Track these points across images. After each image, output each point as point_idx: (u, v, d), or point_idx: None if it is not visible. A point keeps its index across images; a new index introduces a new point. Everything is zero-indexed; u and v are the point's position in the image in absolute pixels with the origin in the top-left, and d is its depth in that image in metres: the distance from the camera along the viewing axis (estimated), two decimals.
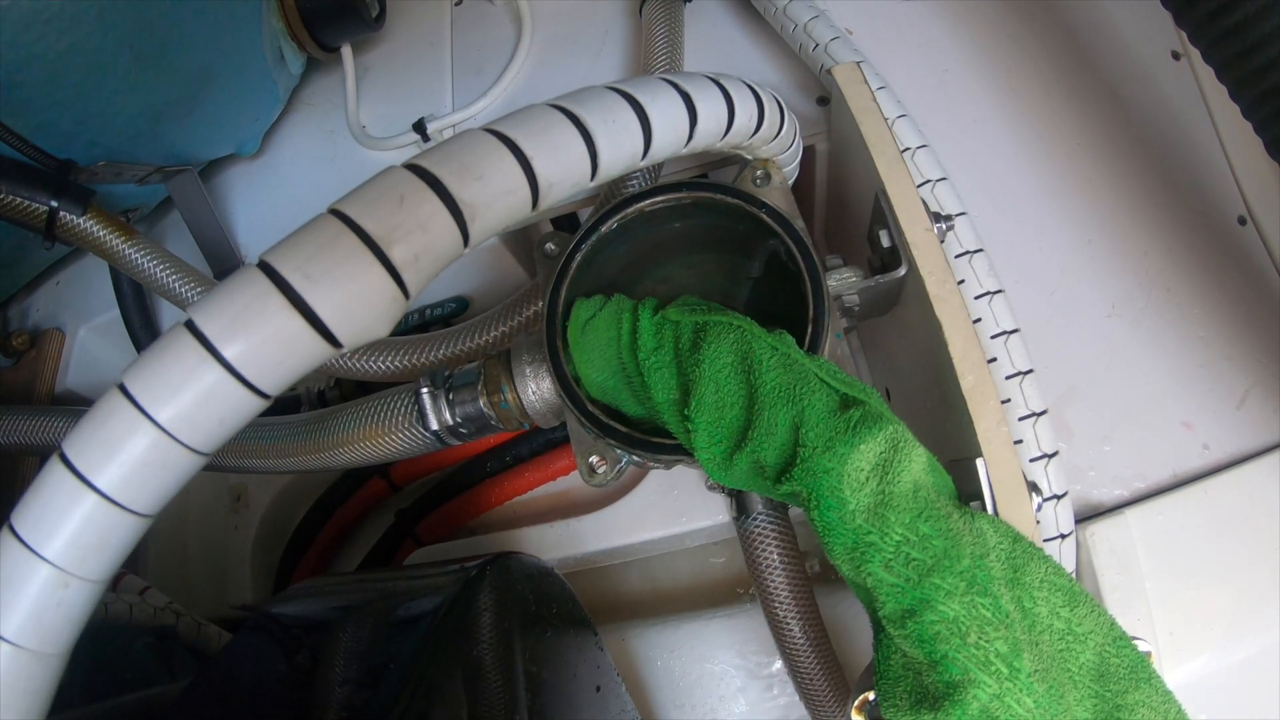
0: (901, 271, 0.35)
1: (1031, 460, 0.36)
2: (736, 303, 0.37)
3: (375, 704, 0.29)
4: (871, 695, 0.30)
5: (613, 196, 0.43)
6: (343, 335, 0.23)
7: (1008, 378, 0.37)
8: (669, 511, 0.52)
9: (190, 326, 0.22)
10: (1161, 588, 0.38)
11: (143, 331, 0.63)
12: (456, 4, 0.66)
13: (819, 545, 0.30)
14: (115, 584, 0.50)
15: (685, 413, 0.31)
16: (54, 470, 0.22)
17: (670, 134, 0.30)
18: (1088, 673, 0.29)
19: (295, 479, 0.65)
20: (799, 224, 0.35)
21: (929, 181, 0.41)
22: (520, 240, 0.58)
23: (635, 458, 0.34)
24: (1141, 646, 0.31)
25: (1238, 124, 0.38)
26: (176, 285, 0.55)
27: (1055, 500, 0.36)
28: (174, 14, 0.50)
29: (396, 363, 0.49)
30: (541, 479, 0.60)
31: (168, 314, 0.65)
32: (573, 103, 0.27)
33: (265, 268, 0.22)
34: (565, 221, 0.61)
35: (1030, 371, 0.37)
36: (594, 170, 0.27)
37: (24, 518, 0.22)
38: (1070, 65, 0.49)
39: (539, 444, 0.59)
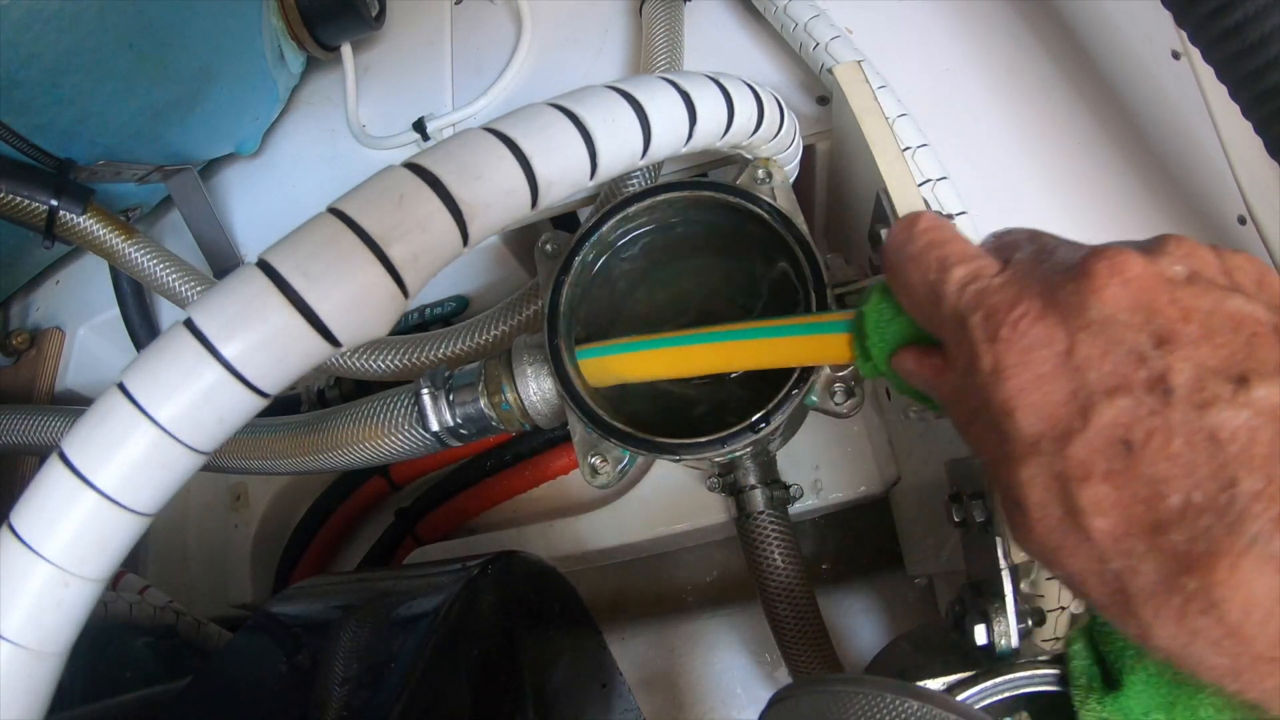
0: None
1: None
2: (737, 301, 0.37)
3: (376, 704, 0.29)
4: None
5: (613, 196, 0.43)
6: (342, 334, 0.23)
7: None
8: (670, 511, 0.52)
9: (189, 325, 0.22)
10: None
11: (143, 331, 0.63)
12: (456, 3, 0.66)
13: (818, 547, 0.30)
14: (115, 583, 0.50)
15: None
16: (53, 469, 0.22)
17: (670, 133, 0.30)
18: None
19: (295, 478, 0.65)
20: (800, 223, 0.35)
21: (930, 180, 0.41)
22: (520, 239, 0.58)
23: (640, 455, 0.34)
24: None
25: (1238, 124, 0.38)
26: (176, 284, 0.55)
27: None
28: (174, 13, 0.50)
29: (396, 362, 0.49)
30: (542, 477, 0.60)
31: (168, 313, 0.65)
32: (572, 102, 0.27)
33: (264, 266, 0.22)
34: (565, 221, 0.61)
35: None
36: (593, 169, 0.27)
37: (24, 517, 0.22)
38: (1070, 64, 0.49)
39: (540, 442, 0.59)
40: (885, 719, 0.24)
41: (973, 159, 0.47)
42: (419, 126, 0.58)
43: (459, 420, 0.37)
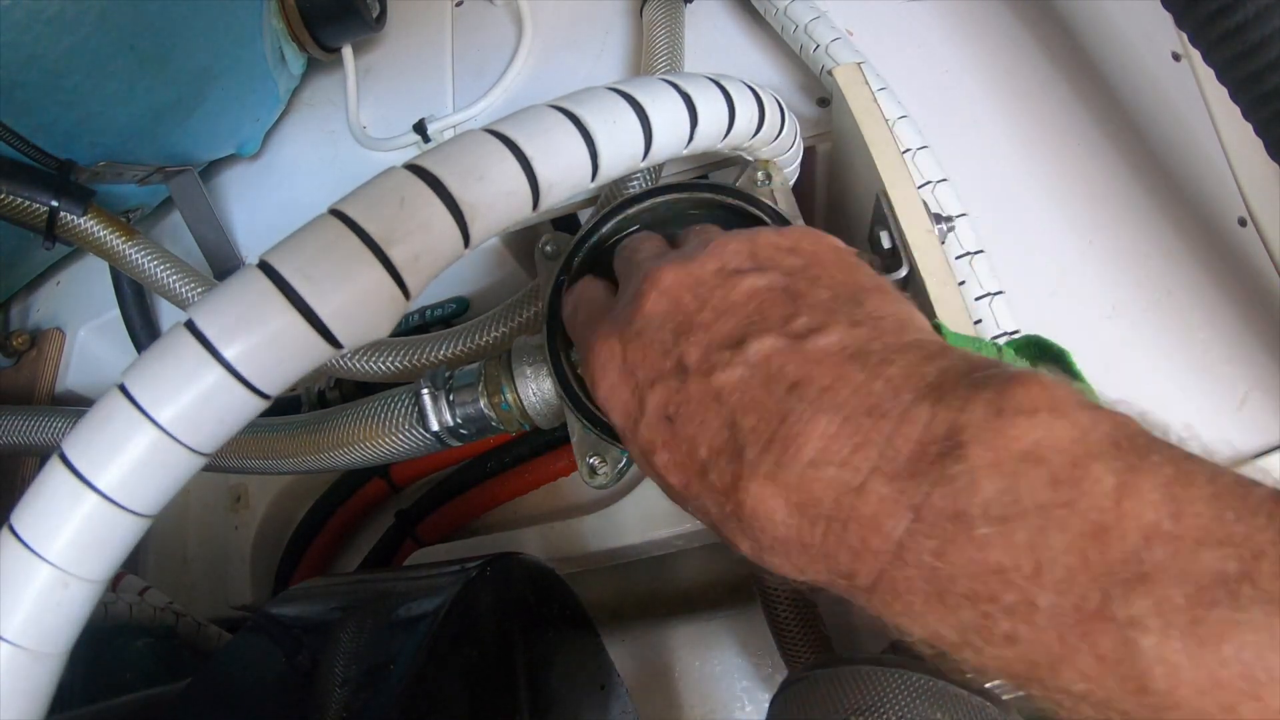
0: (902, 272, 0.35)
1: None
2: None
3: (375, 705, 0.29)
4: None
5: (614, 197, 0.43)
6: (343, 336, 0.23)
7: None
8: (670, 512, 0.52)
9: (190, 327, 0.22)
10: None
11: (143, 332, 0.63)
12: (457, 4, 0.66)
13: None
14: (115, 584, 0.50)
15: None
16: (54, 470, 0.22)
17: (671, 135, 0.30)
18: None
19: (296, 479, 0.65)
20: (801, 225, 0.35)
21: (930, 183, 0.41)
22: (521, 241, 0.58)
23: None
24: None
25: (1238, 125, 0.38)
26: (177, 285, 0.55)
27: None
28: (175, 14, 0.50)
29: (397, 363, 0.49)
30: (542, 479, 0.60)
31: (168, 314, 0.65)
32: (573, 104, 0.27)
33: (266, 268, 0.22)
34: (566, 222, 0.61)
35: None
36: (594, 171, 0.27)
37: (24, 518, 0.22)
38: (1071, 66, 0.49)
39: (539, 444, 0.59)
40: (898, 690, 0.25)
41: (973, 161, 0.47)
42: (420, 128, 0.58)
43: (459, 420, 0.37)
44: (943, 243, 0.36)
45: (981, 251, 0.39)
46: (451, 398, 0.37)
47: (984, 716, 0.25)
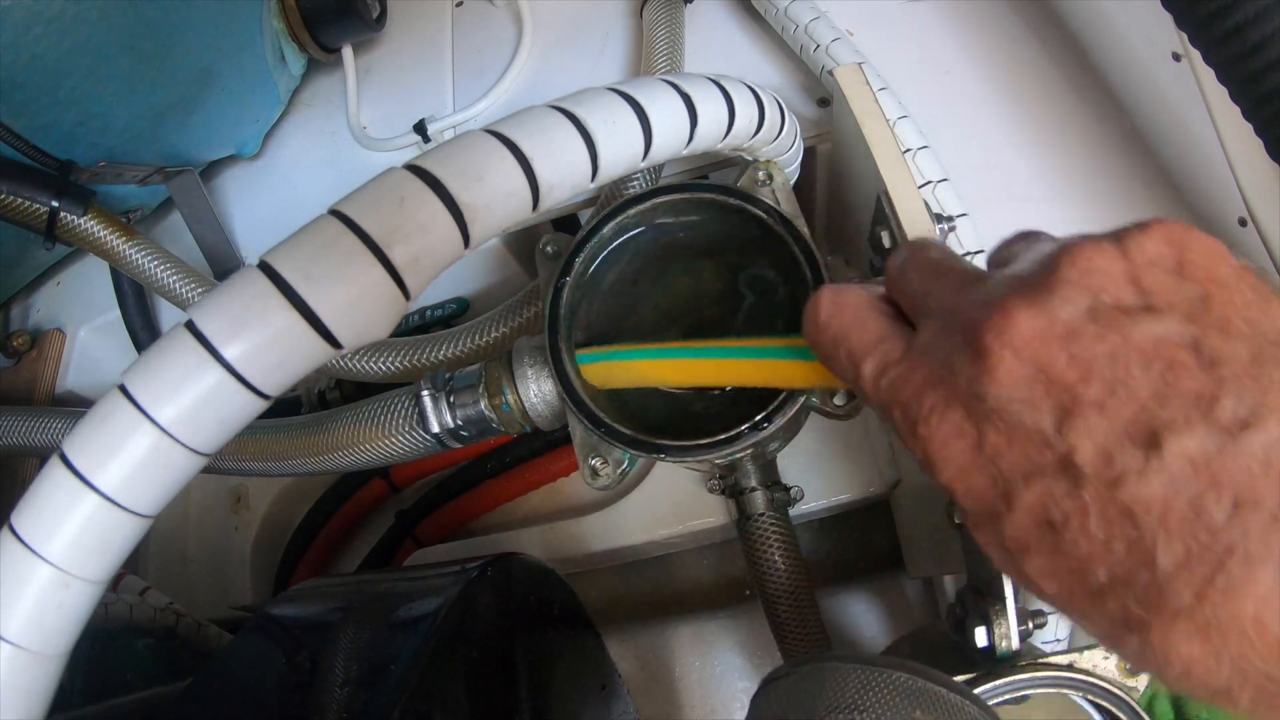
0: None
1: None
2: (739, 304, 0.37)
3: (375, 705, 0.29)
4: None
5: (614, 198, 0.43)
6: (343, 336, 0.23)
7: None
8: (670, 513, 0.52)
9: (190, 327, 0.22)
10: None
11: (143, 332, 0.63)
12: (457, 5, 0.66)
13: (819, 549, 0.30)
14: (115, 584, 0.50)
15: None
16: (54, 471, 0.22)
17: (671, 135, 0.30)
18: None
19: (296, 480, 0.65)
20: (801, 225, 0.35)
21: (930, 183, 0.41)
22: (521, 241, 0.58)
23: (640, 457, 0.34)
24: None
25: (1239, 126, 0.38)
26: (177, 285, 0.55)
27: None
28: (175, 15, 0.50)
29: (397, 364, 0.49)
30: (542, 479, 0.60)
31: (168, 314, 0.65)
32: (573, 104, 0.27)
33: (265, 268, 0.22)
34: (566, 223, 0.61)
35: None
36: (594, 172, 0.27)
37: (24, 518, 0.22)
38: (1071, 66, 0.49)
39: (540, 444, 0.59)
40: (879, 688, 0.25)
41: (974, 161, 0.47)
42: (420, 128, 0.58)
43: (459, 422, 0.37)
44: (944, 242, 0.35)
45: (982, 251, 0.39)
46: (452, 399, 0.37)
47: (966, 716, 0.24)
